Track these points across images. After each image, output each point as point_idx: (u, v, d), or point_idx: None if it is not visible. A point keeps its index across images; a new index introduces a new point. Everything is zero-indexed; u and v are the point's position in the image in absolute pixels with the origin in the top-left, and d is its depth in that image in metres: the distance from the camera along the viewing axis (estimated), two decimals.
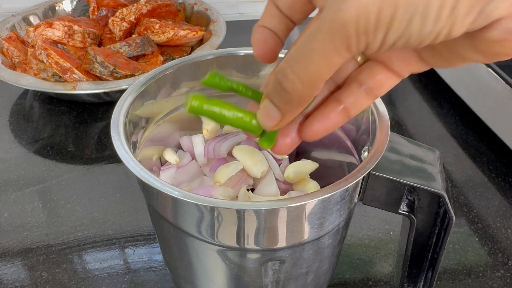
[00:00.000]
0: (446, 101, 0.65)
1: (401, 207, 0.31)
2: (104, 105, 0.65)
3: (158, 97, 0.36)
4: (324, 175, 0.36)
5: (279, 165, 0.38)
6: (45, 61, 0.61)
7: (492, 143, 0.57)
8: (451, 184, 0.52)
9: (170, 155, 0.37)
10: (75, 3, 0.78)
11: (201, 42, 0.71)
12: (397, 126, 0.61)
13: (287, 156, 0.39)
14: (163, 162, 0.38)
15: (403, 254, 0.33)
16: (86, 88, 0.59)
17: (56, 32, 0.66)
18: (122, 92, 0.37)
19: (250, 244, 0.28)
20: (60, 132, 0.61)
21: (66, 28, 0.66)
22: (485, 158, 0.56)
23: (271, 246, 0.29)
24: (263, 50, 0.24)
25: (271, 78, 0.22)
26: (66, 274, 0.43)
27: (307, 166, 0.35)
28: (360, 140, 0.33)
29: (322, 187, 0.27)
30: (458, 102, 0.63)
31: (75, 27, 0.66)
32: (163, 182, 0.26)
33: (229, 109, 0.23)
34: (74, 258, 0.45)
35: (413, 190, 0.31)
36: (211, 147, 0.37)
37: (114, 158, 0.56)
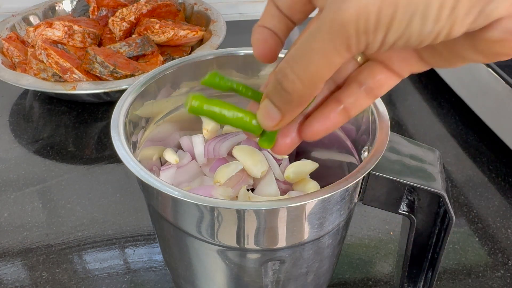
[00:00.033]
0: (446, 101, 0.65)
1: (401, 207, 0.31)
2: (104, 105, 0.65)
3: (158, 97, 0.36)
4: (324, 175, 0.36)
5: (279, 165, 0.38)
6: (45, 61, 0.61)
7: (492, 143, 0.57)
8: (451, 184, 0.52)
9: (170, 155, 0.37)
10: (75, 3, 0.78)
11: (201, 42, 0.71)
12: (397, 126, 0.61)
13: (287, 156, 0.39)
14: (163, 162, 0.38)
15: (403, 254, 0.33)
16: (86, 88, 0.59)
17: (56, 32, 0.66)
18: (122, 92, 0.37)
19: (250, 244, 0.28)
20: (60, 132, 0.61)
21: (66, 28, 0.66)
22: (485, 158, 0.56)
23: (271, 246, 0.29)
24: (263, 50, 0.24)
25: (271, 78, 0.22)
26: (66, 274, 0.43)
27: (307, 166, 0.35)
28: (360, 140, 0.33)
29: (322, 187, 0.27)
30: (458, 102, 0.63)
31: (75, 27, 0.66)
32: (163, 182, 0.26)
33: (229, 109, 0.23)
34: (74, 258, 0.45)
35: (413, 190, 0.31)
36: (211, 147, 0.37)
37: (114, 158, 0.56)
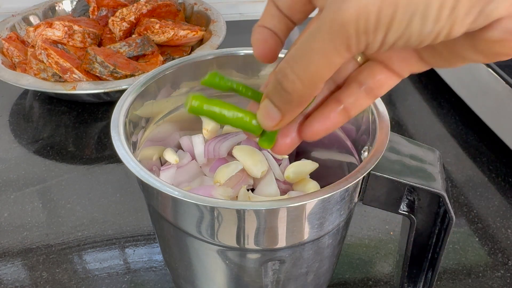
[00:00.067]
0: (446, 101, 0.65)
1: (401, 207, 0.31)
2: (104, 105, 0.65)
3: (158, 97, 0.36)
4: (324, 175, 0.36)
5: (279, 165, 0.38)
6: (45, 61, 0.61)
7: (492, 143, 0.57)
8: (451, 184, 0.52)
9: (170, 155, 0.37)
10: (75, 3, 0.78)
11: (201, 42, 0.71)
12: (397, 126, 0.61)
13: (287, 156, 0.39)
14: (163, 162, 0.38)
15: (403, 254, 0.33)
16: (86, 88, 0.59)
17: (56, 32, 0.66)
18: (122, 92, 0.37)
19: (250, 244, 0.28)
20: (60, 132, 0.61)
21: (66, 28, 0.66)
22: (485, 158, 0.56)
23: (271, 246, 0.29)
24: (263, 50, 0.24)
25: (271, 78, 0.22)
26: (66, 274, 0.43)
27: (307, 166, 0.35)
28: (360, 140, 0.33)
29: (322, 187, 0.27)
30: (458, 102, 0.63)
31: (75, 27, 0.66)
32: (163, 182, 0.26)
33: (229, 109, 0.23)
34: (74, 258, 0.45)
35: (413, 190, 0.31)
36: (211, 147, 0.37)
37: (114, 158, 0.56)
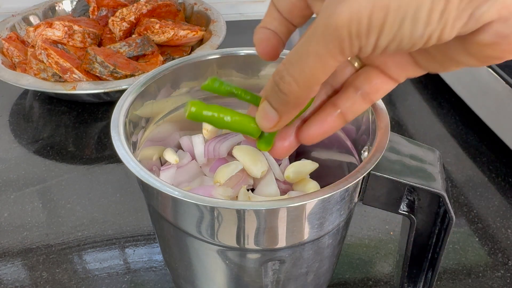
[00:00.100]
0: (446, 101, 0.65)
1: (401, 207, 0.31)
2: (104, 105, 0.65)
3: (158, 97, 0.36)
4: (324, 175, 0.36)
5: (279, 165, 0.38)
6: (45, 61, 0.61)
7: (492, 143, 0.57)
8: (451, 184, 0.52)
9: (170, 155, 0.37)
10: (75, 3, 0.78)
11: (201, 42, 0.71)
12: (397, 126, 0.61)
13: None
14: (163, 162, 0.38)
15: (403, 254, 0.33)
16: (86, 88, 0.59)
17: (56, 32, 0.66)
18: (122, 92, 0.37)
19: (250, 244, 0.28)
20: (60, 132, 0.61)
21: (66, 28, 0.66)
22: (485, 158, 0.56)
23: (271, 246, 0.29)
24: (265, 48, 0.24)
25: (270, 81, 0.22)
26: (66, 274, 0.43)
27: (307, 166, 0.35)
28: (360, 140, 0.33)
29: (322, 187, 0.27)
30: (458, 102, 0.63)
31: (75, 27, 0.66)
32: (163, 182, 0.26)
33: (227, 113, 0.24)
34: (74, 258, 0.45)
35: (413, 190, 0.31)
36: (211, 147, 0.37)
37: (114, 158, 0.56)
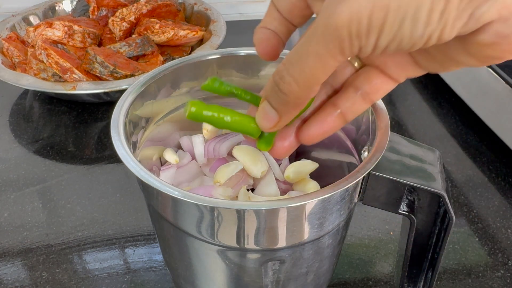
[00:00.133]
0: (446, 101, 0.65)
1: (401, 207, 0.31)
2: (104, 105, 0.65)
3: (158, 97, 0.36)
4: (324, 175, 0.36)
5: (279, 165, 0.38)
6: (45, 61, 0.61)
7: (492, 143, 0.57)
8: (451, 184, 0.52)
9: (170, 155, 0.37)
10: (75, 3, 0.78)
11: (201, 42, 0.71)
12: (397, 126, 0.61)
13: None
14: (163, 162, 0.38)
15: (403, 254, 0.33)
16: (86, 88, 0.59)
17: (56, 32, 0.66)
18: (122, 92, 0.37)
19: (250, 244, 0.28)
20: (60, 132, 0.61)
21: (66, 28, 0.66)
22: (485, 158, 0.56)
23: (271, 246, 0.29)
24: (265, 47, 0.24)
25: (270, 81, 0.22)
26: (66, 274, 0.43)
27: (307, 166, 0.35)
28: (360, 140, 0.33)
29: (322, 187, 0.27)
30: (458, 102, 0.63)
31: (75, 27, 0.66)
32: (163, 182, 0.26)
33: (227, 113, 0.24)
34: (74, 258, 0.45)
35: (413, 190, 0.31)
36: (211, 147, 0.37)
37: (114, 158, 0.56)
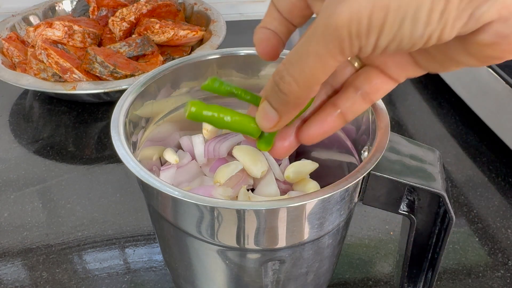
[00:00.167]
0: (446, 101, 0.65)
1: (401, 207, 0.31)
2: (104, 105, 0.65)
3: (158, 97, 0.36)
4: (324, 175, 0.36)
5: (279, 165, 0.38)
6: (45, 61, 0.61)
7: (492, 143, 0.57)
8: (451, 184, 0.52)
9: (170, 155, 0.37)
10: (75, 3, 0.78)
11: (201, 42, 0.71)
12: (397, 126, 0.61)
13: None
14: (163, 162, 0.38)
15: (403, 254, 0.33)
16: (86, 88, 0.59)
17: (56, 32, 0.66)
18: (122, 92, 0.37)
19: (250, 244, 0.28)
20: (60, 132, 0.61)
21: (66, 28, 0.66)
22: (485, 158, 0.56)
23: (271, 246, 0.29)
24: (265, 47, 0.24)
25: (270, 81, 0.22)
26: (66, 274, 0.43)
27: (307, 166, 0.35)
28: (360, 140, 0.33)
29: (322, 187, 0.27)
30: (458, 102, 0.63)
31: (75, 27, 0.66)
32: (163, 182, 0.26)
33: (227, 113, 0.24)
34: (74, 258, 0.45)
35: (413, 190, 0.31)
36: (211, 147, 0.37)
37: (114, 158, 0.56)
